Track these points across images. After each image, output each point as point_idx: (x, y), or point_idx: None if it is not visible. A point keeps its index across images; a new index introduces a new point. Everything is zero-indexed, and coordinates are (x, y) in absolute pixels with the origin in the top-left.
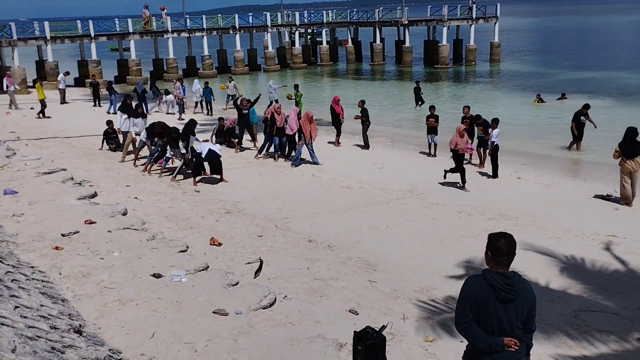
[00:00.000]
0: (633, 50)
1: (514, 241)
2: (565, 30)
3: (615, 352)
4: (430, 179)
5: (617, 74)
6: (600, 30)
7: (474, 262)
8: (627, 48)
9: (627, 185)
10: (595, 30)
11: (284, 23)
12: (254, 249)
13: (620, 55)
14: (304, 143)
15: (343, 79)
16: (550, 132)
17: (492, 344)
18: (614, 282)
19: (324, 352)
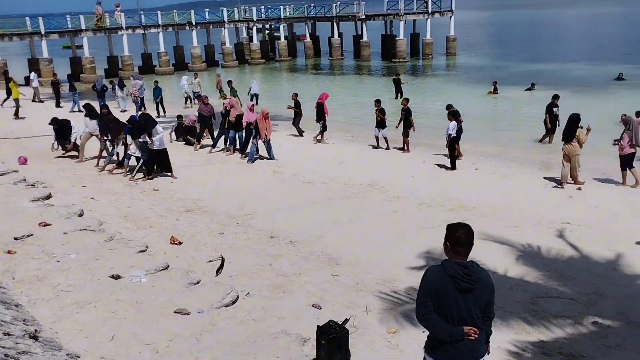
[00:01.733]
0: (584, 43)
1: (471, 231)
2: (519, 24)
3: (571, 336)
4: (390, 172)
5: (569, 66)
6: (553, 23)
7: (434, 253)
8: (578, 40)
9: (564, 168)
10: (548, 24)
11: (241, 19)
12: (215, 246)
13: (571, 48)
14: (259, 140)
15: (302, 74)
16: (506, 123)
17: (452, 333)
18: (569, 268)
19: (288, 347)
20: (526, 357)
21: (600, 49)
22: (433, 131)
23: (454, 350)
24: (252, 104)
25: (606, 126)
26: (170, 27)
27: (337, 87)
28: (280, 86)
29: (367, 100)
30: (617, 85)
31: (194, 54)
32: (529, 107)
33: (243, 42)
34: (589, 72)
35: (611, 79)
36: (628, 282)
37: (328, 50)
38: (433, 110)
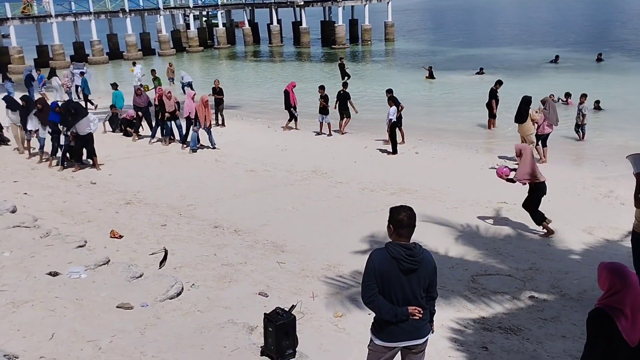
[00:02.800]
0: (516, 27)
1: (413, 213)
2: (455, 9)
3: (509, 311)
4: (333, 158)
5: (504, 50)
6: (487, 8)
7: (378, 236)
8: (511, 25)
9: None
10: (482, 9)
11: (177, 5)
12: (157, 239)
13: (505, 32)
14: (200, 127)
15: (242, 61)
16: (442, 107)
17: (397, 314)
18: (507, 245)
19: (235, 336)
20: (468, 334)
21: (531, 34)
22: (374, 116)
23: (400, 330)
24: (193, 94)
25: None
26: (102, 15)
27: (278, 75)
28: (221, 74)
29: (309, 86)
30: (552, 68)
31: (129, 42)
32: (465, 91)
33: (180, 30)
34: (522, 55)
35: (545, 62)
36: (561, 256)
37: (267, 37)
38: (373, 95)
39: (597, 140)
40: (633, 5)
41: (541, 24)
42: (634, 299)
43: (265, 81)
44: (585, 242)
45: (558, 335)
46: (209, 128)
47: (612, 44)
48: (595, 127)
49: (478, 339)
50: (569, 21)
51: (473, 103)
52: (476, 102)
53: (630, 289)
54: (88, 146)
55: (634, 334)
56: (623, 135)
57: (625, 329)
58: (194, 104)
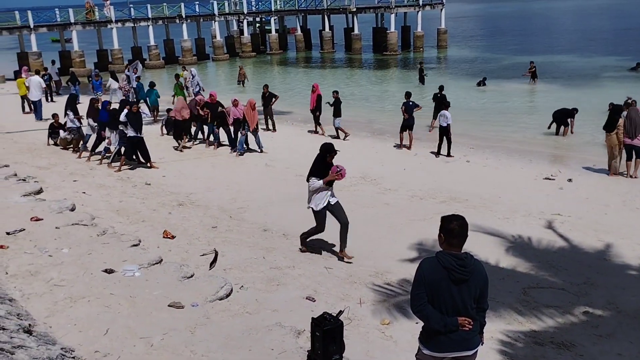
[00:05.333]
0: (573, 35)
1: (465, 223)
2: (509, 16)
3: (562, 326)
4: (382, 165)
5: (560, 58)
6: (543, 15)
7: (426, 245)
8: (567, 32)
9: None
10: (538, 16)
11: (232, 12)
12: (208, 240)
13: (561, 40)
14: (247, 131)
15: (293, 67)
16: (495, 115)
17: (447, 324)
18: (560, 258)
19: (282, 339)
20: (518, 347)
21: (589, 41)
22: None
23: (449, 340)
24: (235, 99)
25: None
26: (160, 21)
27: (328, 81)
28: (273, 79)
29: (362, 93)
30: (611, 77)
31: (184, 47)
32: (518, 99)
33: (234, 35)
34: (579, 63)
35: (625, 69)
36: (617, 272)
37: (319, 43)
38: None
39: None
40: None
41: (600, 31)
42: None
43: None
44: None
45: (613, 353)
46: (256, 132)
47: None
48: None
49: (529, 352)
50: (629, 28)
51: (527, 112)
52: (531, 111)
53: None
54: (140, 149)
55: None
56: None
57: None
58: (241, 109)
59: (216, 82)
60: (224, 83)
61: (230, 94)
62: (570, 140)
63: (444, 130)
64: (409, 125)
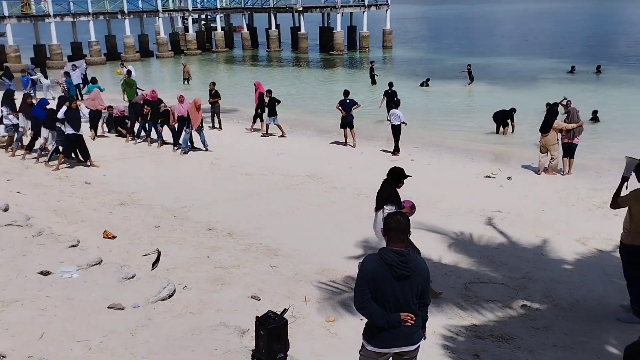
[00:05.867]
0: (513, 38)
1: (407, 220)
2: (452, 18)
3: (501, 319)
4: (329, 163)
5: (500, 60)
6: (484, 18)
7: (372, 242)
8: (508, 35)
9: (541, 157)
10: (480, 18)
11: (176, 8)
12: (151, 240)
13: (502, 42)
14: (191, 129)
15: (240, 65)
16: (438, 115)
17: (389, 320)
18: (500, 254)
19: (227, 339)
20: (460, 341)
21: (530, 44)
22: (371, 123)
23: (391, 336)
24: (181, 95)
25: (532, 117)
26: (101, 16)
27: (275, 79)
28: (218, 77)
29: (306, 91)
30: (549, 79)
31: (127, 43)
32: (461, 100)
33: (178, 32)
34: (520, 65)
35: (562, 72)
36: (554, 266)
37: (266, 41)
38: (369, 102)
39: (592, 151)
40: (631, 17)
41: (540, 35)
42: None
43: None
44: (578, 252)
45: (549, 345)
46: (201, 130)
47: (610, 55)
48: (592, 138)
49: (470, 346)
50: (568, 32)
51: (469, 112)
52: (472, 111)
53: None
54: (79, 147)
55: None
56: (618, 147)
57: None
58: (186, 106)
59: (161, 79)
60: (169, 80)
61: (175, 92)
62: (510, 140)
63: (395, 129)
64: (348, 123)
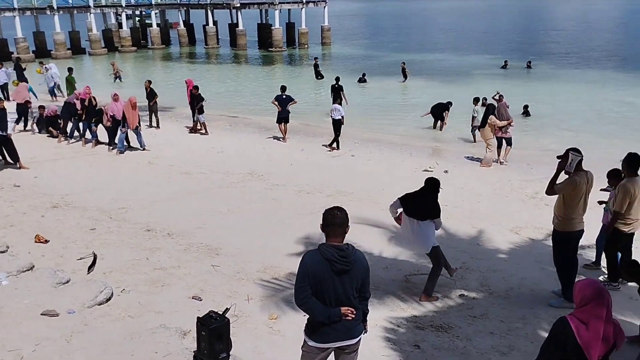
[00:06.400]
0: (448, 34)
1: (345, 214)
2: (390, 15)
3: (440, 309)
4: (270, 160)
5: (436, 56)
6: (420, 15)
7: (314, 238)
8: (443, 32)
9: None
10: (416, 15)
11: (109, 4)
12: (86, 243)
13: (437, 39)
14: (127, 128)
15: (177, 62)
16: (377, 111)
17: (330, 315)
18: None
19: (167, 341)
20: (401, 332)
21: (463, 41)
22: (311, 120)
23: (332, 331)
24: (115, 94)
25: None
26: (28, 11)
27: (215, 76)
28: (155, 75)
29: (246, 89)
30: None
31: (57, 40)
32: (399, 95)
33: (112, 29)
34: (455, 62)
35: (496, 68)
36: (489, 256)
37: (203, 38)
38: (308, 99)
39: (524, 144)
40: (558, 14)
41: (473, 31)
42: (599, 314)
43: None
44: (512, 242)
45: (486, 332)
46: (138, 129)
47: (539, 51)
48: (524, 131)
49: (410, 337)
50: (499, 29)
51: (406, 107)
52: (410, 106)
53: (599, 304)
54: (7, 148)
55: (593, 350)
56: (548, 139)
57: (585, 341)
58: (121, 105)
59: (94, 77)
60: (103, 79)
61: (109, 91)
62: (447, 134)
63: (336, 123)
64: (284, 118)
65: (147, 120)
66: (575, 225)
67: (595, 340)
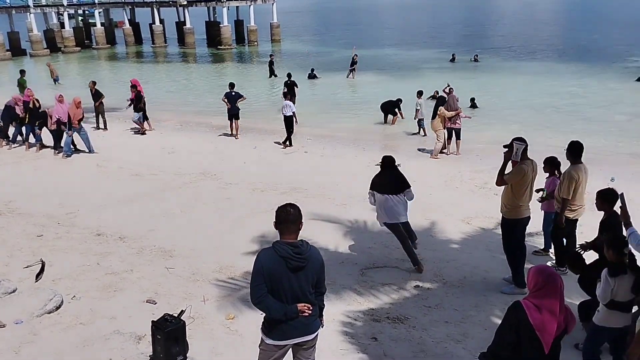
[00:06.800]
0: (397, 30)
1: (298, 210)
2: (339, 11)
3: (396, 301)
4: (222, 159)
5: (385, 51)
6: (369, 10)
7: (269, 236)
8: (391, 27)
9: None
10: (365, 11)
11: (50, 3)
12: (33, 250)
13: (387, 34)
14: (73, 131)
15: (124, 62)
16: (329, 106)
17: (287, 312)
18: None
19: (122, 347)
20: (358, 326)
21: (411, 36)
22: (263, 117)
23: (290, 327)
24: (60, 95)
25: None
26: None
27: (164, 75)
28: (102, 75)
29: (196, 87)
30: (431, 68)
31: None
32: (348, 91)
33: (54, 29)
34: (404, 56)
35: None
36: (442, 246)
37: (150, 37)
38: (262, 96)
39: (472, 135)
40: (502, 9)
41: (420, 26)
42: (553, 298)
43: (150, 82)
44: (463, 232)
45: (441, 321)
46: (81, 127)
47: (485, 45)
48: (471, 123)
49: (368, 330)
50: (446, 23)
51: (357, 103)
52: (361, 102)
53: (552, 288)
54: None
55: (546, 333)
56: (495, 130)
57: (538, 324)
58: (66, 107)
59: (35, 80)
60: (45, 80)
61: (52, 93)
62: (398, 128)
63: (287, 120)
64: (234, 115)
65: (94, 122)
66: (522, 213)
67: (549, 324)
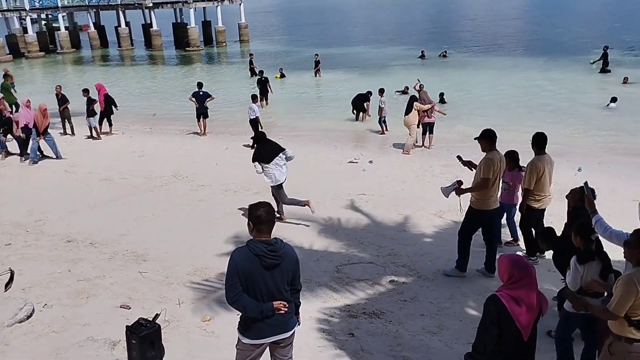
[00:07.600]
0: (365, 27)
1: (272, 209)
2: (306, 10)
3: (372, 297)
4: (194, 161)
5: (354, 49)
6: (337, 9)
7: (242, 236)
8: (360, 25)
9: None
10: (332, 10)
11: (11, 8)
12: (1, 259)
13: (355, 32)
14: (40, 138)
15: (90, 66)
16: (299, 105)
17: (263, 310)
18: (367, 234)
19: (96, 354)
20: (335, 322)
21: (379, 33)
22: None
23: (266, 326)
24: (27, 100)
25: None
26: None
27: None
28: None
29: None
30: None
31: None
32: (317, 89)
33: (16, 34)
34: (372, 54)
35: (414, 58)
36: (416, 240)
37: (116, 40)
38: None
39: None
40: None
41: (388, 23)
42: (529, 289)
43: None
44: (436, 225)
45: (417, 315)
46: (47, 134)
47: (453, 41)
48: (441, 118)
49: (345, 326)
50: (413, 20)
51: (327, 101)
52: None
53: (528, 278)
54: None
55: (525, 322)
56: (465, 124)
57: (517, 315)
58: (33, 113)
59: None
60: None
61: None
62: (369, 125)
63: (252, 122)
64: (202, 113)
65: (61, 128)
66: (491, 204)
67: (528, 313)
